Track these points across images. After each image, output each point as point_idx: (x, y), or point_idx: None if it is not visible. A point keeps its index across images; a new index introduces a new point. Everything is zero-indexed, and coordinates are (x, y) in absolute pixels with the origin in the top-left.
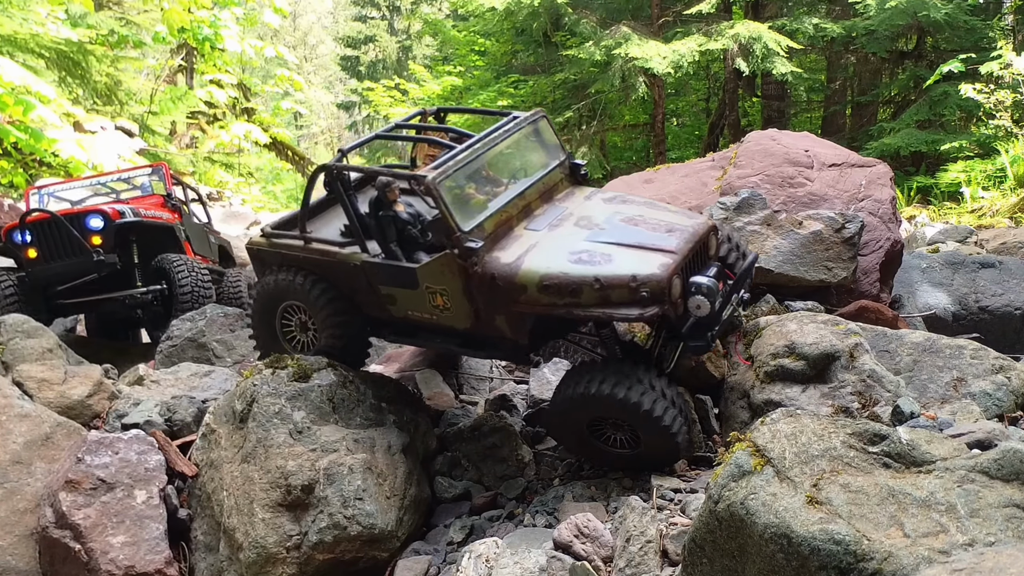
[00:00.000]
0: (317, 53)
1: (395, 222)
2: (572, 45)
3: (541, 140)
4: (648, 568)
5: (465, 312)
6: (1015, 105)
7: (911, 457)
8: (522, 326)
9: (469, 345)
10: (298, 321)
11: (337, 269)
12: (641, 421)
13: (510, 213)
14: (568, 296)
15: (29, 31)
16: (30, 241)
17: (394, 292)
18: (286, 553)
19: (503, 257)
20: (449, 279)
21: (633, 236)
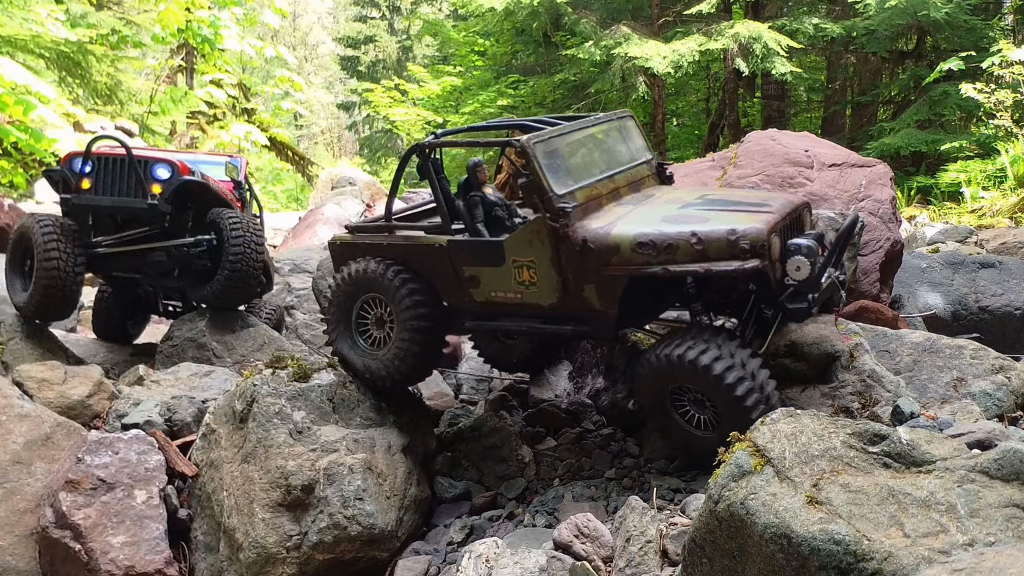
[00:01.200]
0: (317, 53)
1: (483, 203)
2: (572, 45)
3: (629, 137)
4: (648, 568)
5: (552, 285)
6: (1015, 105)
7: (911, 457)
8: (612, 294)
9: (553, 322)
10: (376, 316)
11: (420, 254)
12: (714, 390)
13: (599, 191)
14: (664, 252)
15: (29, 31)
16: (89, 172)
17: (478, 272)
18: (286, 553)
19: (594, 224)
20: (538, 247)
21: (727, 205)
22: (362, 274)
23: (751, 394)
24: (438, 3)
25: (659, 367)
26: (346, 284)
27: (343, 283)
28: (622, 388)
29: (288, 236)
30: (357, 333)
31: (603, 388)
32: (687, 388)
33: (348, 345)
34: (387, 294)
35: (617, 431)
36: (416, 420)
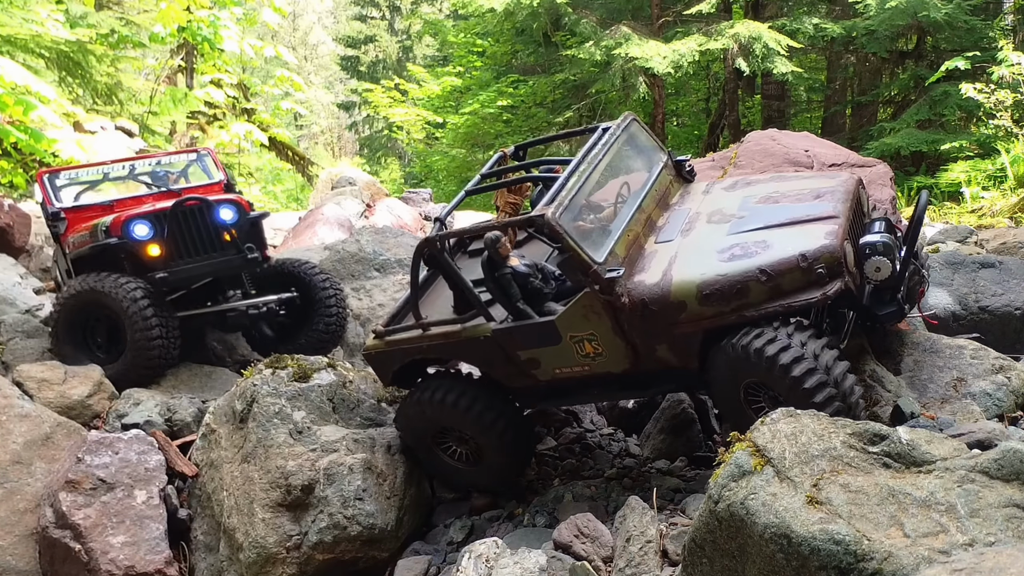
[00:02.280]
0: (317, 53)
1: (515, 278)
2: (572, 45)
3: (638, 145)
4: (648, 568)
5: (620, 353)
6: (1015, 105)
7: (911, 457)
8: (689, 349)
9: (633, 387)
10: (456, 436)
11: (466, 348)
12: (782, 383)
13: (635, 231)
14: (735, 299)
15: (29, 31)
16: (151, 236)
17: (536, 354)
18: (286, 553)
19: (647, 278)
20: (595, 321)
21: (780, 214)
22: (428, 408)
23: (821, 388)
24: (438, 3)
25: (738, 359)
26: (414, 418)
27: (410, 418)
28: None
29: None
30: (442, 453)
31: None
32: (762, 385)
33: (440, 468)
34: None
35: (617, 431)
36: None
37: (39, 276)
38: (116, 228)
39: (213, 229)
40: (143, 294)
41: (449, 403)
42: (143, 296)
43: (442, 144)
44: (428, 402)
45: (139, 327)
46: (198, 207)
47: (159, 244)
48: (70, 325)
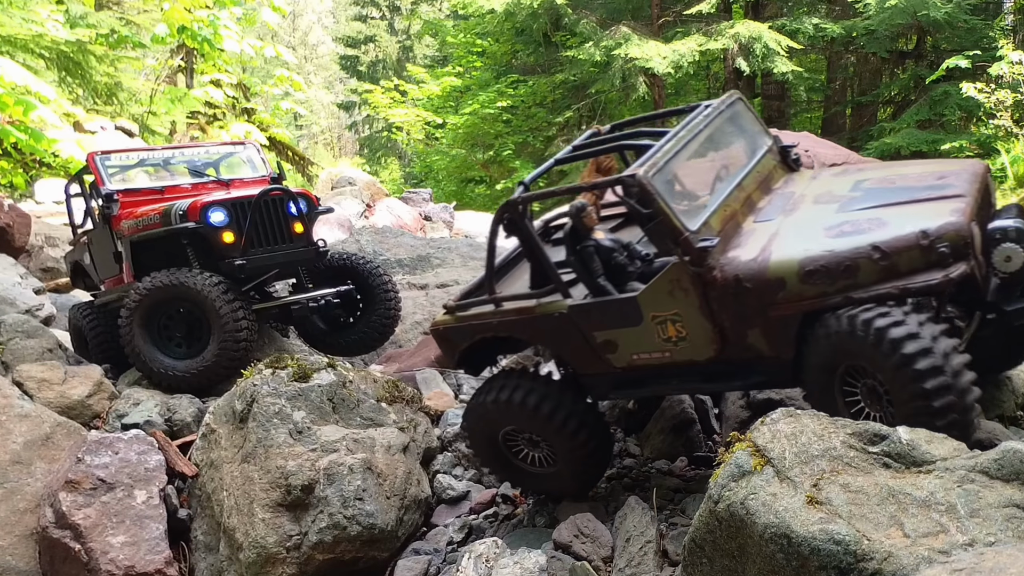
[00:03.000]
0: (317, 53)
1: (598, 252)
2: (572, 45)
3: (741, 126)
4: (648, 568)
5: (706, 336)
6: (1015, 105)
7: (911, 457)
8: (784, 335)
9: (717, 379)
10: (526, 439)
11: (539, 326)
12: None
13: (733, 208)
14: (841, 278)
15: (29, 31)
16: (227, 223)
17: (613, 336)
18: (286, 553)
19: (743, 254)
20: (681, 298)
21: (899, 194)
22: (496, 407)
23: (934, 375)
24: (438, 3)
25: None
26: (481, 417)
27: (477, 418)
28: None
29: None
30: (513, 457)
31: None
32: (863, 371)
33: (507, 473)
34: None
35: (617, 431)
36: (416, 420)
37: (39, 276)
38: (194, 213)
39: (286, 220)
40: (228, 288)
41: (517, 402)
42: (229, 290)
43: (442, 144)
44: (495, 402)
45: (228, 322)
46: (278, 197)
47: (233, 232)
48: (147, 322)
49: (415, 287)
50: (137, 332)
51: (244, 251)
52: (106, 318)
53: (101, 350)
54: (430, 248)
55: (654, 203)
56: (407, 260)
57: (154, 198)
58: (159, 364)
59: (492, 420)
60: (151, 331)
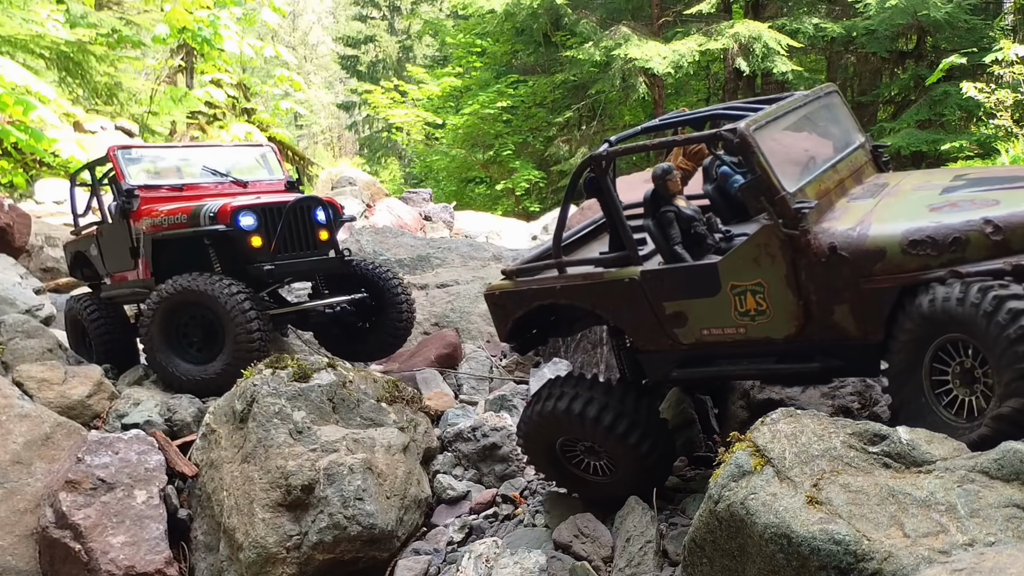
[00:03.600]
0: (317, 53)
1: (679, 219)
2: (572, 45)
3: (837, 117)
4: (648, 568)
5: (788, 311)
6: (1015, 105)
7: (911, 457)
8: (876, 312)
9: (792, 360)
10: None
11: (605, 293)
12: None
13: (827, 185)
14: (948, 251)
15: (29, 31)
16: (256, 227)
17: (684, 307)
18: (286, 553)
19: (839, 225)
20: (767, 265)
21: (1004, 181)
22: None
23: None
24: (438, 3)
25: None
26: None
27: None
28: None
29: None
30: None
31: None
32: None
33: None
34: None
35: None
36: (416, 420)
37: (39, 276)
38: (224, 216)
39: (313, 227)
40: (244, 295)
41: (575, 412)
42: (245, 297)
43: (442, 144)
44: (552, 412)
45: (241, 329)
46: (306, 203)
47: (261, 236)
48: (166, 326)
49: (415, 287)
50: (156, 335)
51: (272, 256)
52: (110, 312)
53: (103, 343)
54: (430, 248)
55: (753, 157)
56: (407, 260)
57: (174, 196)
58: (175, 368)
59: (548, 430)
60: (169, 335)
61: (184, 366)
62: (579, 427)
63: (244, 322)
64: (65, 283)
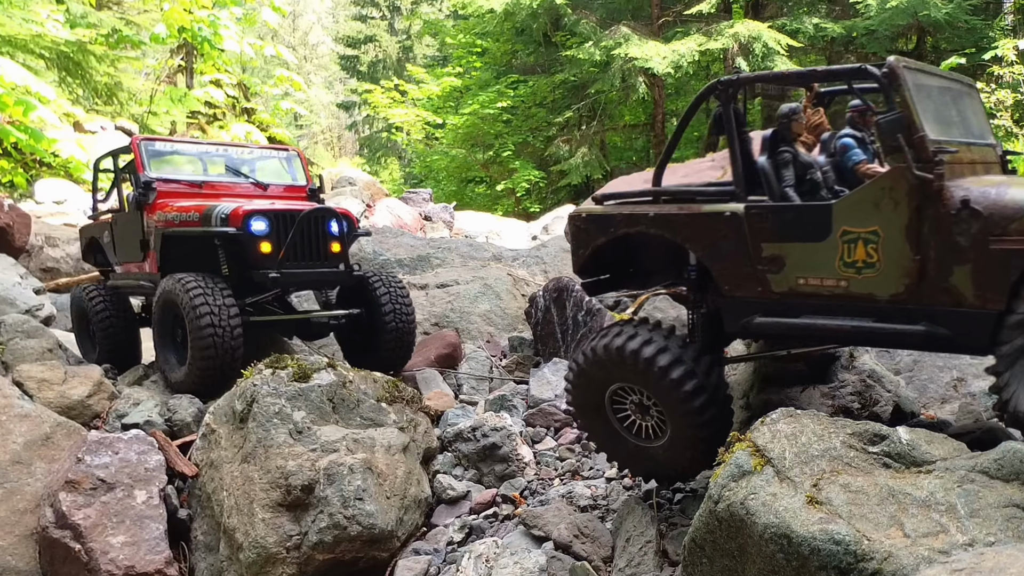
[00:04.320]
0: (317, 53)
1: (795, 162)
2: (572, 45)
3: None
4: (648, 568)
5: (901, 266)
6: (1015, 105)
7: (911, 457)
8: (1000, 279)
9: (891, 320)
10: (634, 403)
11: (700, 227)
12: None
13: (961, 157)
14: None
15: (29, 31)
16: (267, 233)
17: (784, 251)
18: (286, 553)
19: (973, 185)
20: (888, 211)
21: None
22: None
23: None
24: (438, 3)
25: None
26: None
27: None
28: None
29: None
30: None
31: None
32: None
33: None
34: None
35: None
36: (416, 420)
37: (39, 276)
38: (236, 219)
39: (325, 238)
40: (202, 293)
41: (631, 350)
42: (202, 297)
43: (442, 144)
44: (607, 348)
45: (195, 331)
46: (320, 214)
47: (271, 242)
48: (162, 324)
49: (415, 287)
50: (156, 332)
51: (280, 264)
52: (115, 303)
53: (106, 335)
54: (430, 248)
55: (900, 91)
56: (407, 260)
57: (191, 192)
58: (169, 371)
59: (601, 372)
60: (164, 332)
61: (172, 362)
62: (643, 375)
63: (197, 328)
64: (65, 283)
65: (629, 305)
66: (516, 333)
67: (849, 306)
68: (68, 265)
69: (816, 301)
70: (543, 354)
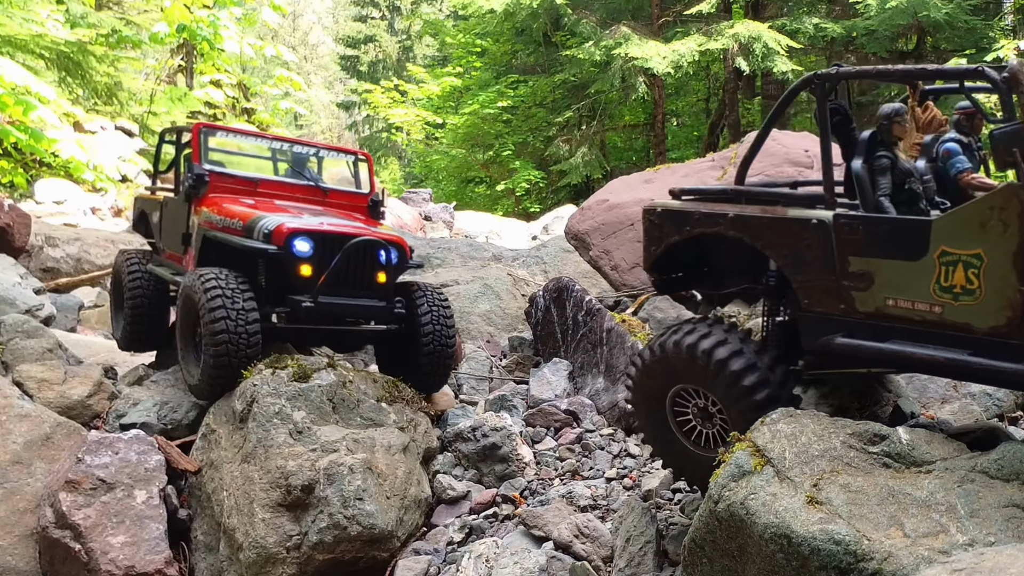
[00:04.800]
0: (317, 53)
1: (894, 169)
2: (572, 45)
3: None
4: (648, 568)
5: (1005, 296)
6: None
7: (911, 457)
8: None
9: (990, 355)
10: (697, 407)
11: (783, 233)
12: None
13: None
14: None
15: (29, 31)
16: (310, 255)
17: (874, 267)
18: (286, 553)
19: None
20: (996, 234)
21: None
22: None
23: None
24: (438, 3)
25: None
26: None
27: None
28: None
29: None
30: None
31: (603, 388)
32: None
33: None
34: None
35: (617, 431)
36: (416, 420)
37: (39, 276)
38: (279, 237)
39: (372, 268)
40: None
41: (703, 351)
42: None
43: (442, 144)
44: (676, 346)
45: (207, 332)
46: (370, 243)
47: (313, 265)
48: (184, 322)
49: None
50: (179, 332)
51: (318, 291)
52: (151, 283)
53: (133, 306)
54: (430, 248)
55: (1021, 96)
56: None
57: (245, 190)
58: (186, 369)
59: (667, 371)
60: (186, 332)
61: (192, 364)
62: (712, 379)
63: (211, 332)
64: (65, 283)
65: (629, 305)
66: (516, 333)
67: (942, 335)
68: (68, 265)
69: (904, 326)
70: (543, 354)
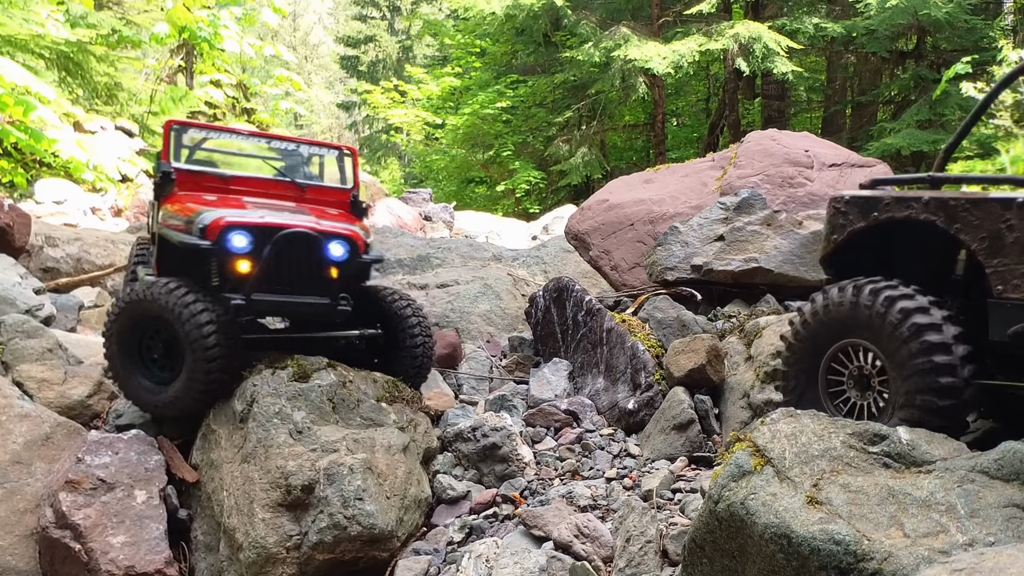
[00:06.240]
0: (317, 53)
1: None
2: (572, 46)
3: None
4: (648, 568)
5: None
6: (1015, 105)
7: (911, 457)
8: None
9: None
10: (855, 371)
11: (985, 214)
12: None
13: None
14: None
15: (29, 31)
16: (248, 250)
17: None
18: (286, 553)
19: None
20: None
21: None
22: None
23: None
24: (438, 3)
25: None
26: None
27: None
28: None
29: None
30: (828, 398)
31: (603, 388)
32: None
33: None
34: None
35: (617, 431)
36: (416, 420)
37: (39, 276)
38: (214, 231)
39: (319, 264)
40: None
41: (881, 305)
42: (205, 312)
43: (442, 144)
44: (843, 301)
45: (199, 351)
46: (311, 236)
47: (252, 261)
48: (124, 338)
49: (415, 287)
50: (114, 349)
51: (251, 288)
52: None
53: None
54: (430, 248)
55: None
56: (407, 260)
57: (216, 186)
58: (136, 388)
59: (832, 325)
60: (130, 350)
61: (146, 384)
62: (874, 327)
63: (203, 348)
64: (65, 283)
65: (629, 305)
66: (516, 333)
67: None
68: (68, 265)
69: None
70: (543, 354)
